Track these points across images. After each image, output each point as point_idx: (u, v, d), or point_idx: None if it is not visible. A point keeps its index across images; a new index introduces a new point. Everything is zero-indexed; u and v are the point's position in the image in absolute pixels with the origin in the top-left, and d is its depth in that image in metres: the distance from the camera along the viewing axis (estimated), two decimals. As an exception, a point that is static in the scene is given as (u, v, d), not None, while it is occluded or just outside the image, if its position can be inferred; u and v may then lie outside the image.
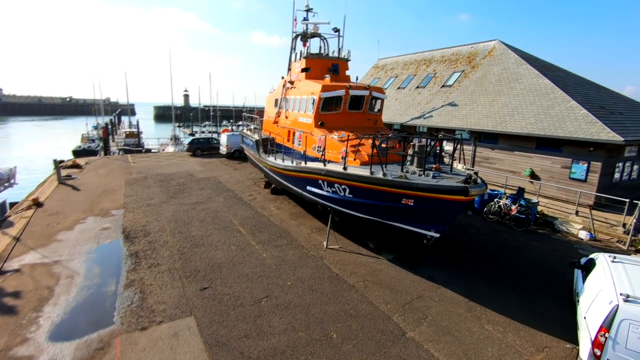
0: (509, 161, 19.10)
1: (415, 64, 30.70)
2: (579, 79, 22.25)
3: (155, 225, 13.33)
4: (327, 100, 13.10)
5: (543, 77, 19.54)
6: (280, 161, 13.90)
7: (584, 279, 7.46)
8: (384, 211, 9.85)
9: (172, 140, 45.19)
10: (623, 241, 12.83)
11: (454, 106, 22.67)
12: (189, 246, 11.55)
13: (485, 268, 10.68)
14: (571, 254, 11.90)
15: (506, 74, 21.76)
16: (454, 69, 25.98)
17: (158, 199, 16.85)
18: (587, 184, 15.88)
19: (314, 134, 12.95)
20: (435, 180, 8.57)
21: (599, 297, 6.00)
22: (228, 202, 16.66)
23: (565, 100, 17.38)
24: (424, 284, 9.58)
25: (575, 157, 16.23)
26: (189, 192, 18.10)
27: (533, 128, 17.30)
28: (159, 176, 21.81)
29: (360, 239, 12.38)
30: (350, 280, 9.66)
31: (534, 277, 10.23)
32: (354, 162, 10.69)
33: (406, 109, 26.07)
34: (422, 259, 11.04)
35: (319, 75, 15.04)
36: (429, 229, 9.24)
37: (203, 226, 13.36)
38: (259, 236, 12.56)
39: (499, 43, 24.45)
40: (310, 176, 11.61)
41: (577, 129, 15.70)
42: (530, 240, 13.09)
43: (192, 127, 76.64)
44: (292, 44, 17.04)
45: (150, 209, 15.24)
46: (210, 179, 21.46)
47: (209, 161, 27.76)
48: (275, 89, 18.95)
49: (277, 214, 15.12)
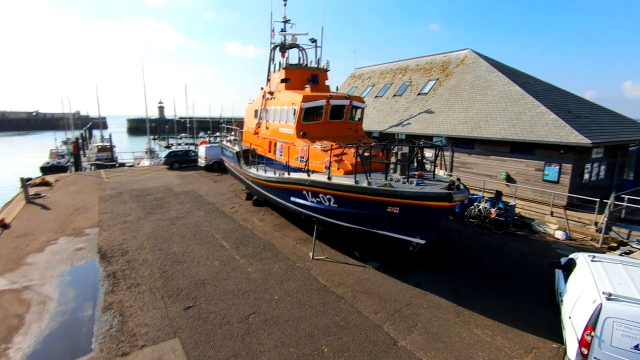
0: (486, 165, 19.66)
1: (391, 72, 31.35)
2: (546, 85, 23.34)
3: (133, 243, 12.80)
4: (308, 110, 13.10)
5: (513, 84, 20.36)
6: (262, 172, 13.73)
7: (565, 279, 7.68)
8: (369, 220, 9.86)
9: (148, 153, 44.00)
10: (596, 239, 13.38)
11: (430, 113, 23.21)
12: (170, 263, 11.14)
13: (469, 271, 10.84)
14: (550, 254, 12.28)
15: (479, 82, 22.54)
16: (428, 78, 26.68)
17: (135, 215, 16.25)
18: (560, 185, 16.52)
19: (296, 144, 12.89)
20: (419, 188, 8.67)
21: (582, 297, 6.18)
22: (209, 215, 16.27)
23: (535, 105, 18.14)
24: (411, 291, 9.60)
25: (548, 159, 16.89)
26: (168, 207, 17.57)
27: (507, 133, 17.90)
28: (135, 191, 21.08)
29: (346, 248, 12.32)
30: (339, 290, 9.56)
31: (516, 279, 10.46)
32: (337, 172, 10.68)
33: (384, 117, 26.48)
34: (408, 266, 11.09)
35: (299, 85, 15.06)
36: (415, 235, 9.31)
37: (184, 242, 12.94)
38: (243, 250, 12.28)
39: (470, 52, 25.37)
40: (294, 187, 11.51)
41: (548, 133, 16.37)
42: (510, 242, 13.43)
43: (167, 140, 74.98)
44: (271, 54, 17.04)
45: (127, 226, 14.65)
46: (190, 192, 20.94)
47: (187, 174, 27.13)
48: (255, 100, 18.82)
49: (260, 226, 14.87)
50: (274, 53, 16.94)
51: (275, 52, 16.90)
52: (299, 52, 16.85)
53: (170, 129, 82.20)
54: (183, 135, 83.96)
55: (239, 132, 19.93)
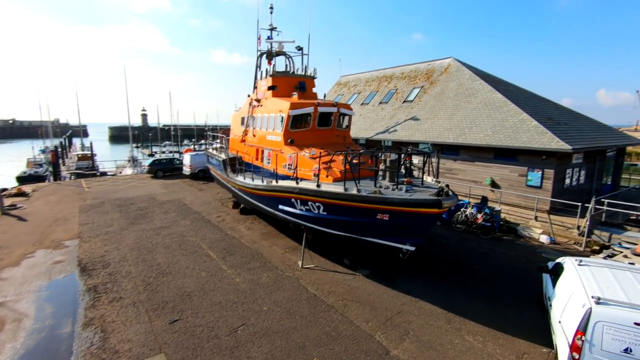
0: (471, 171, 19.95)
1: (377, 80, 31.70)
2: (526, 93, 24.00)
3: (115, 255, 12.37)
4: (296, 117, 13.04)
5: (496, 91, 20.85)
6: (249, 180, 13.54)
7: (553, 283, 7.76)
8: (359, 227, 9.80)
9: (130, 161, 43.05)
10: (579, 243, 13.67)
11: (416, 120, 23.50)
12: (154, 275, 10.78)
13: (459, 277, 10.87)
14: (535, 258, 12.46)
15: (462, 89, 22.99)
16: (413, 85, 27.08)
17: (117, 225, 15.75)
18: (543, 190, 16.88)
19: (284, 151, 12.78)
20: (409, 194, 8.67)
21: (571, 301, 6.23)
22: (195, 225, 15.91)
23: (518, 112, 18.59)
24: (402, 299, 9.54)
25: (530, 165, 17.26)
26: (152, 217, 17.11)
27: (490, 139, 18.25)
28: (118, 201, 20.50)
29: (335, 256, 12.21)
30: (329, 300, 9.42)
31: (504, 283, 10.54)
32: (326, 179, 10.61)
33: (371, 124, 26.67)
34: (399, 273, 11.06)
35: (286, 93, 15.00)
36: (405, 242, 9.29)
37: (169, 252, 12.58)
38: (230, 260, 12.02)
39: (453, 60, 25.90)
40: (282, 195, 11.37)
41: (530, 139, 16.76)
42: (496, 247, 13.58)
43: (151, 148, 73.69)
44: (257, 62, 16.97)
45: (109, 237, 14.18)
46: (174, 201, 20.49)
47: (172, 183, 26.60)
48: (242, 108, 18.65)
49: (248, 234, 14.62)
50: (261, 60, 16.89)
51: (261, 59, 16.85)
52: (285, 60, 16.85)
53: (153, 137, 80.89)
54: (167, 143, 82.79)
55: (225, 139, 19.69)
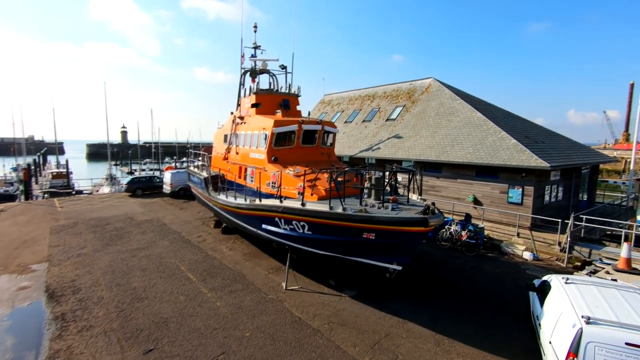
0: (453, 188, 20.17)
1: (360, 99, 32.18)
2: (504, 112, 24.78)
3: (87, 279, 11.65)
4: (280, 135, 12.90)
5: (475, 110, 21.41)
6: (232, 199, 13.18)
7: (540, 301, 7.69)
8: (345, 247, 9.57)
9: (108, 180, 41.71)
10: (561, 259, 13.83)
11: (399, 138, 23.79)
12: (129, 301, 10.16)
13: (446, 297, 10.72)
14: (520, 275, 12.49)
15: (443, 109, 23.53)
16: (396, 104, 27.58)
17: (91, 247, 14.96)
18: (524, 207, 17.16)
19: (267, 169, 12.55)
20: (395, 213, 8.56)
21: (561, 321, 6.14)
22: (174, 245, 15.29)
23: (497, 131, 19.08)
24: (389, 320, 9.27)
25: (511, 182, 17.59)
26: (129, 238, 16.38)
27: (472, 157, 18.57)
28: (93, 221, 19.60)
29: (321, 277, 11.88)
30: (314, 323, 9.06)
31: (492, 302, 10.44)
32: (311, 198, 10.41)
33: (354, 142, 26.83)
34: (385, 293, 10.80)
35: (270, 110, 14.91)
36: (391, 261, 9.10)
37: (145, 276, 11.96)
38: (211, 282, 11.50)
39: (434, 80, 26.62)
40: (265, 214, 11.06)
41: (510, 157, 17.14)
42: (482, 264, 13.57)
43: (130, 165, 71.96)
44: (241, 79, 16.88)
45: (82, 260, 13.41)
46: (153, 220, 19.76)
47: (151, 201, 25.77)
48: (224, 125, 18.41)
49: (229, 255, 14.13)
50: (244, 78, 16.82)
51: (245, 77, 16.79)
52: (269, 78, 16.84)
53: (133, 154, 79.17)
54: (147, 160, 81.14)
55: (207, 157, 19.31)
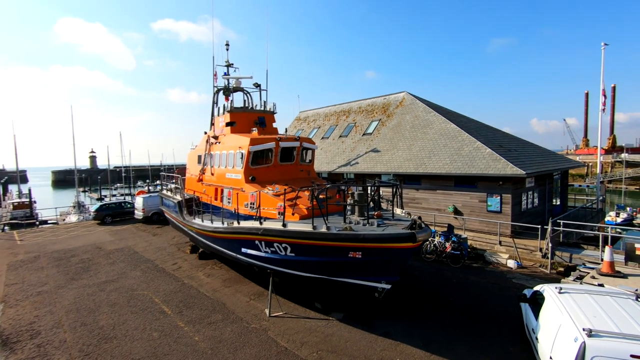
0: (433, 200, 20.22)
1: (336, 115, 32.30)
2: (477, 123, 25.42)
3: (48, 320, 10.53)
4: (257, 153, 12.44)
5: (450, 122, 21.80)
6: (208, 223, 12.47)
7: (534, 313, 7.47)
8: (330, 267, 9.10)
9: (76, 207, 39.49)
10: (544, 265, 13.88)
11: (376, 152, 23.82)
12: (95, 342, 9.18)
13: (437, 313, 10.36)
14: (507, 284, 12.37)
15: (418, 121, 23.85)
16: (371, 118, 27.79)
17: (54, 283, 13.72)
18: (503, 215, 17.34)
19: (245, 190, 12.00)
20: (381, 229, 8.22)
21: (560, 334, 5.89)
22: (147, 275, 14.28)
23: (472, 141, 19.40)
24: (381, 343, 8.79)
25: (489, 191, 17.79)
26: (96, 270, 15.19)
27: (450, 168, 18.73)
28: (56, 253, 18.17)
29: (306, 300, 11.28)
30: (302, 352, 8.44)
31: (482, 315, 10.17)
32: (292, 217, 9.93)
33: (332, 157, 26.68)
34: (375, 313, 10.34)
35: (245, 129, 14.46)
36: (380, 280, 8.70)
37: (115, 312, 10.96)
38: (188, 314, 10.66)
39: (407, 94, 27.10)
40: (245, 237, 10.45)
41: (487, 166, 17.38)
42: (468, 275, 13.39)
43: (100, 191, 68.89)
44: (214, 98, 16.39)
45: (42, 299, 12.20)
46: (124, 249, 18.56)
47: (122, 228, 24.38)
48: (198, 145, 17.75)
49: (207, 282, 13.29)
50: (218, 97, 16.35)
51: (218, 95, 16.32)
52: (243, 96, 16.45)
53: (103, 179, 76.02)
54: (118, 185, 78.14)
55: (181, 179, 18.49)
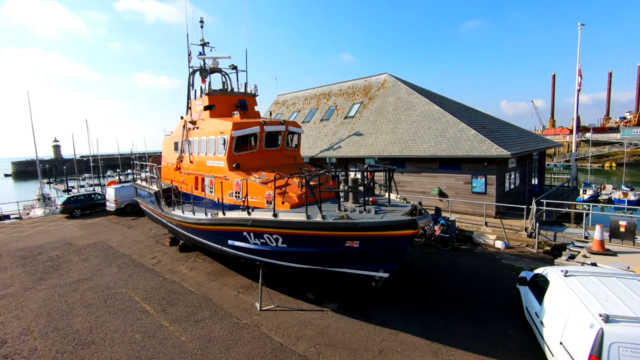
0: (418, 183, 20.10)
1: (316, 98, 31.44)
2: (459, 105, 25.37)
3: (14, 327, 9.58)
4: (240, 139, 11.64)
5: (433, 104, 21.55)
6: (189, 214, 11.67)
7: (537, 297, 7.33)
8: (325, 258, 8.64)
9: (41, 200, 37.00)
10: (531, 245, 14.05)
11: (359, 136, 23.36)
12: (70, 349, 8.39)
13: (431, 298, 10.19)
14: (497, 266, 12.40)
15: (401, 103, 23.48)
16: (353, 101, 27.19)
17: (19, 284, 12.60)
18: (487, 196, 17.42)
19: (228, 178, 11.23)
20: (380, 216, 7.79)
21: (572, 320, 5.72)
22: (124, 272, 13.38)
23: (456, 123, 19.25)
24: (380, 333, 8.50)
25: (474, 172, 17.79)
26: (67, 267, 14.11)
27: (434, 150, 18.55)
28: (21, 251, 16.80)
29: (297, 291, 10.85)
30: (299, 348, 8.03)
31: (477, 298, 10.09)
32: (282, 206, 9.34)
33: (314, 142, 26.02)
34: (370, 302, 10.04)
35: (226, 112, 13.53)
36: (377, 269, 8.34)
37: (91, 313, 10.12)
38: (173, 312, 9.99)
39: (388, 76, 26.59)
40: (232, 228, 9.78)
41: (472, 148, 17.30)
42: (458, 257, 13.36)
43: (67, 183, 65.24)
44: (190, 79, 15.21)
45: (7, 303, 11.14)
46: (97, 244, 17.40)
47: (93, 222, 22.96)
48: (174, 131, 16.60)
49: (191, 276, 12.59)
50: (193, 78, 15.20)
51: (194, 77, 15.18)
52: (222, 77, 15.38)
53: (69, 170, 72.03)
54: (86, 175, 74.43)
55: (156, 168, 17.35)
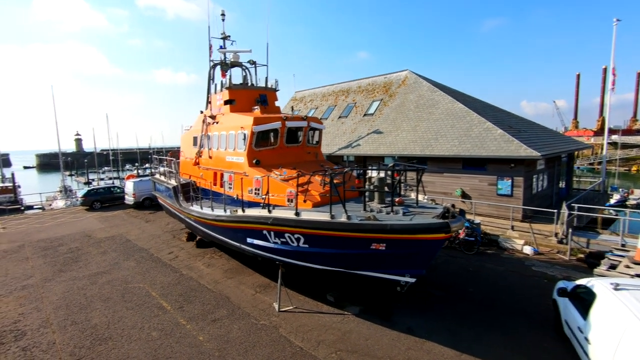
0: (440, 183, 19.45)
1: (334, 94, 30.99)
2: (483, 103, 24.49)
3: (34, 319, 9.57)
4: (261, 134, 11.35)
5: (457, 102, 20.82)
6: (208, 210, 11.46)
7: (581, 311, 6.75)
8: (349, 260, 8.26)
9: (62, 192, 37.87)
10: (563, 251, 13.31)
11: (379, 134, 22.82)
12: (88, 344, 8.28)
13: (458, 305, 9.70)
14: (527, 273, 11.77)
15: (423, 101, 22.81)
16: (372, 98, 26.62)
17: (40, 276, 12.69)
18: (514, 199, 16.67)
19: (248, 174, 10.96)
20: (409, 218, 7.36)
21: (627, 340, 5.17)
22: (142, 266, 13.33)
23: (482, 122, 18.51)
24: (405, 341, 8.08)
25: (500, 173, 17.04)
26: (86, 260, 14.17)
27: (458, 149, 17.89)
28: (42, 242, 17.03)
29: (316, 292, 10.51)
30: (320, 353, 7.68)
31: (507, 307, 9.53)
32: (303, 205, 9.00)
33: (332, 139, 25.60)
34: (393, 306, 9.63)
35: (246, 107, 13.27)
36: (404, 274, 7.91)
37: (109, 308, 10.04)
38: (190, 309, 9.81)
39: (409, 73, 25.90)
40: (251, 226, 9.50)
41: (498, 148, 16.57)
42: (484, 262, 12.76)
43: (87, 175, 66.84)
44: (210, 73, 15.01)
45: (28, 294, 11.20)
46: (115, 237, 17.50)
47: (112, 215, 23.20)
48: (193, 126, 16.49)
49: (208, 273, 12.42)
50: (214, 72, 15.01)
51: (214, 70, 14.98)
52: (242, 72, 15.13)
53: (90, 163, 73.78)
54: (106, 169, 76.11)
55: (175, 163, 17.29)
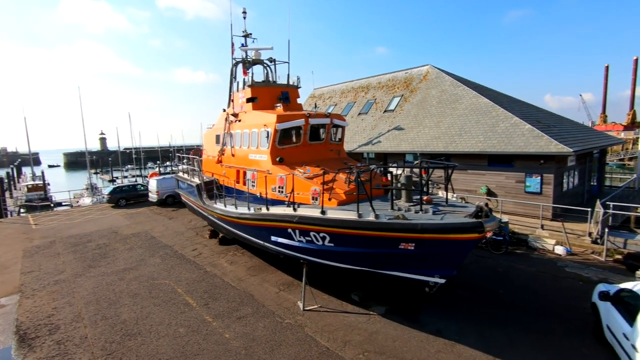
0: (463, 180, 18.92)
1: (353, 91, 30.68)
2: (509, 97, 23.68)
3: (67, 313, 9.85)
4: (285, 132, 11.28)
5: (481, 96, 20.19)
6: (232, 208, 11.50)
7: (627, 317, 6.37)
8: (376, 259, 8.09)
9: (89, 190, 39.22)
10: (598, 252, 12.70)
11: (400, 130, 22.42)
12: (118, 339, 8.45)
13: (488, 307, 9.37)
14: (560, 274, 11.27)
15: (445, 96, 22.24)
16: (393, 94, 26.19)
17: (71, 271, 13.08)
18: (543, 196, 16.02)
19: (272, 172, 10.92)
20: (439, 217, 7.12)
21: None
22: (167, 262, 13.55)
23: (508, 117, 17.86)
24: (434, 343, 7.86)
25: (528, 170, 16.41)
26: (114, 256, 14.52)
27: (483, 146, 17.33)
28: (72, 238, 17.59)
29: (341, 291, 10.39)
30: (347, 354, 7.56)
31: (540, 309, 9.15)
32: (328, 203, 8.87)
33: (352, 136, 25.34)
34: (420, 307, 9.41)
35: (269, 105, 13.23)
36: (433, 274, 7.67)
37: (137, 303, 10.23)
38: (215, 306, 9.87)
39: (431, 67, 25.30)
40: (276, 224, 9.46)
41: (527, 144, 15.95)
42: (513, 263, 12.32)
43: (111, 173, 68.95)
44: (232, 71, 15.05)
45: (60, 288, 11.56)
46: (141, 234, 17.88)
47: (137, 212, 23.75)
48: (216, 124, 16.61)
49: (231, 270, 12.50)
50: (236, 70, 15.03)
51: (237, 68, 15.00)
52: (264, 69, 15.10)
53: (114, 161, 76.07)
54: (129, 166, 78.30)
55: (198, 161, 17.47)
